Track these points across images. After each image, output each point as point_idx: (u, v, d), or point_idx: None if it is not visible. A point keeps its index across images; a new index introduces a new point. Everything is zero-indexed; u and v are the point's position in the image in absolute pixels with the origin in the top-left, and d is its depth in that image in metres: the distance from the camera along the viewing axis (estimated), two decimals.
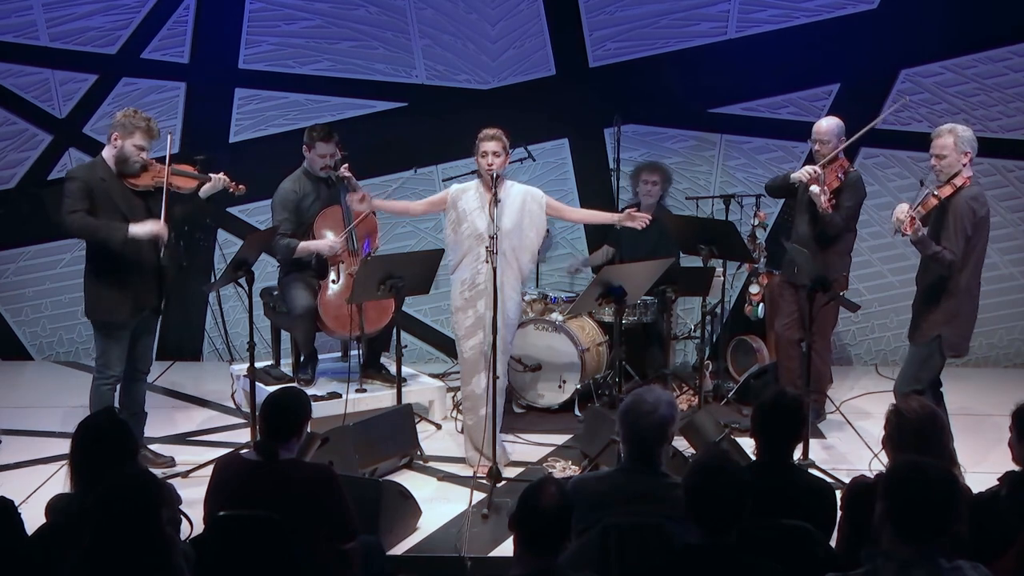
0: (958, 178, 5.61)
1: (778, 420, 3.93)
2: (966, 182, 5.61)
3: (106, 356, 5.66)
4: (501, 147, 5.80)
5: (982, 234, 5.68)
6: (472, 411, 5.97)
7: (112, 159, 5.58)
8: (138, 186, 5.61)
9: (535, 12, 7.86)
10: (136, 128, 5.53)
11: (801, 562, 3.51)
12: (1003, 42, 7.79)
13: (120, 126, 5.55)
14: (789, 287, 6.61)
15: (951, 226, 5.56)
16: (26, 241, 8.03)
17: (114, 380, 5.68)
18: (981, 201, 5.66)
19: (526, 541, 3.18)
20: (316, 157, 6.50)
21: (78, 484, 3.66)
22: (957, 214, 5.56)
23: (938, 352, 5.73)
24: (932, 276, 5.70)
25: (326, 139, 6.49)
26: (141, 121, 5.55)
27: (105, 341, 5.65)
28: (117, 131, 5.56)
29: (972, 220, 5.58)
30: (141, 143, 5.56)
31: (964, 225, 5.56)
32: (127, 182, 5.59)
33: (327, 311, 6.49)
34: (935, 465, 3.06)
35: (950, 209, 5.58)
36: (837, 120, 6.43)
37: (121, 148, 5.55)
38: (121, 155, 5.55)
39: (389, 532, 4.92)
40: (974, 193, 5.63)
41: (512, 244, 5.85)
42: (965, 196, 5.59)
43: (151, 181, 5.62)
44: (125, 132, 5.54)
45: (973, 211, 5.58)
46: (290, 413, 3.98)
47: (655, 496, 3.70)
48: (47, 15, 7.78)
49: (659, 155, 7.91)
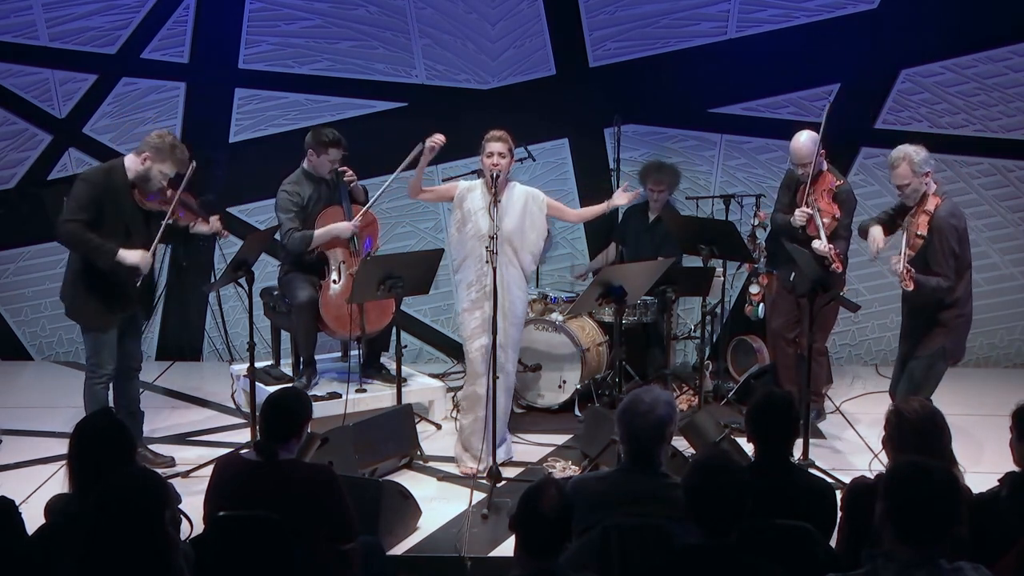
0: (928, 202, 5.65)
1: (771, 420, 3.94)
2: (938, 201, 5.63)
3: (97, 356, 5.67)
4: (507, 148, 5.80)
5: (967, 244, 5.73)
6: (471, 411, 5.97)
7: (134, 172, 5.58)
8: (145, 205, 5.63)
9: (535, 12, 7.86)
10: (170, 159, 5.55)
11: (801, 562, 3.51)
12: (1003, 42, 7.79)
13: (155, 149, 5.55)
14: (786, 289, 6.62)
15: (938, 251, 5.59)
16: (26, 241, 8.02)
17: (107, 378, 5.70)
18: (958, 214, 5.71)
19: (526, 542, 3.18)
20: (325, 162, 6.50)
21: (77, 485, 3.66)
22: (941, 236, 5.59)
23: (941, 360, 5.75)
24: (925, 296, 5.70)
25: (337, 146, 6.49)
26: (178, 152, 5.58)
27: (94, 341, 5.68)
28: (150, 153, 5.55)
29: (956, 237, 5.63)
30: (170, 172, 5.59)
31: (951, 245, 5.60)
32: (138, 197, 5.61)
33: (328, 311, 6.48)
34: (936, 466, 3.06)
35: (933, 233, 5.60)
36: (809, 135, 6.34)
37: (148, 170, 5.56)
38: (145, 175, 5.57)
39: (389, 532, 4.92)
40: (949, 208, 5.67)
41: (514, 246, 5.85)
42: (942, 215, 5.61)
43: (158, 205, 5.65)
44: (158, 157, 5.55)
45: (955, 228, 5.63)
46: (290, 413, 3.98)
47: (655, 496, 3.70)
48: (47, 15, 7.78)
49: (659, 155, 7.91)
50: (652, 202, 7.48)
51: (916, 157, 5.63)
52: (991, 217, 7.98)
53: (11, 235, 8.03)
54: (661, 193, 7.45)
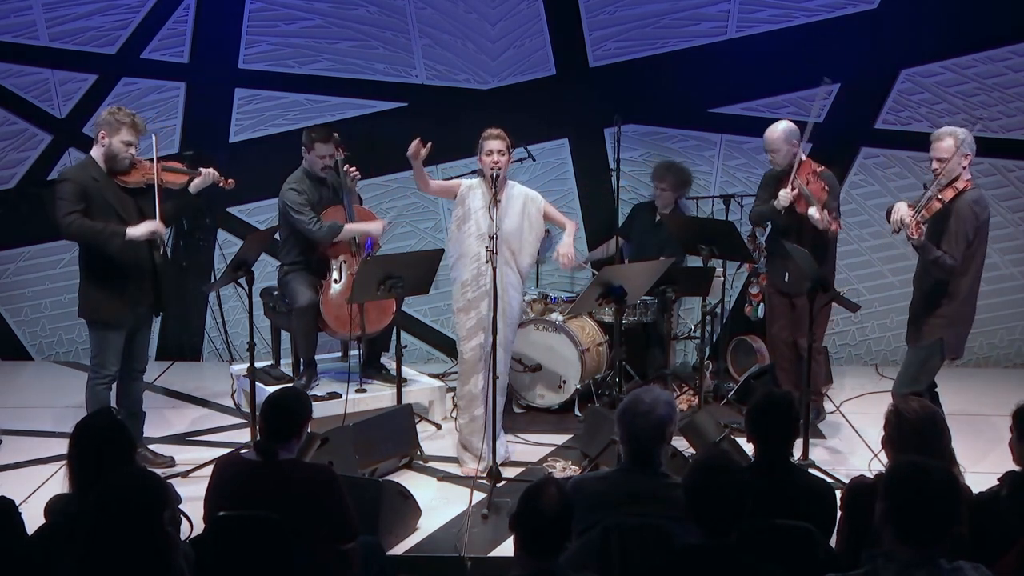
0: (959, 181, 5.57)
1: (771, 420, 3.93)
2: (967, 185, 5.58)
3: (102, 355, 5.65)
4: (505, 147, 5.80)
5: (983, 238, 5.66)
6: (467, 411, 5.97)
7: (102, 158, 5.59)
8: (128, 183, 5.62)
9: (535, 12, 7.86)
10: (122, 124, 5.55)
11: (801, 563, 3.51)
12: (1003, 42, 7.79)
13: (106, 124, 5.56)
14: (774, 290, 6.61)
15: (952, 230, 5.52)
16: (26, 241, 8.02)
17: (109, 379, 5.68)
18: (983, 204, 5.63)
19: (526, 542, 3.18)
20: (316, 158, 6.51)
21: (76, 485, 3.66)
22: (959, 218, 5.52)
23: (938, 354, 5.72)
24: (932, 279, 5.68)
25: (325, 140, 6.50)
26: (126, 117, 5.57)
27: (101, 340, 5.65)
28: (103, 129, 5.57)
29: (974, 224, 5.55)
30: (128, 139, 5.57)
31: (966, 230, 5.53)
32: (118, 180, 5.60)
33: (329, 311, 6.49)
34: (936, 466, 3.06)
35: (952, 213, 5.53)
36: (785, 125, 6.35)
37: (109, 146, 5.56)
38: (110, 152, 5.56)
39: (389, 532, 4.92)
40: (976, 196, 5.60)
41: (512, 247, 5.85)
42: (967, 199, 5.54)
43: (141, 178, 5.63)
44: (111, 129, 5.55)
45: (976, 215, 5.55)
46: (290, 413, 3.98)
47: (655, 496, 3.70)
48: (47, 15, 7.78)
49: (659, 155, 7.91)
50: (657, 200, 7.50)
51: (964, 136, 5.54)
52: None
53: (11, 235, 8.02)
54: (664, 192, 7.45)
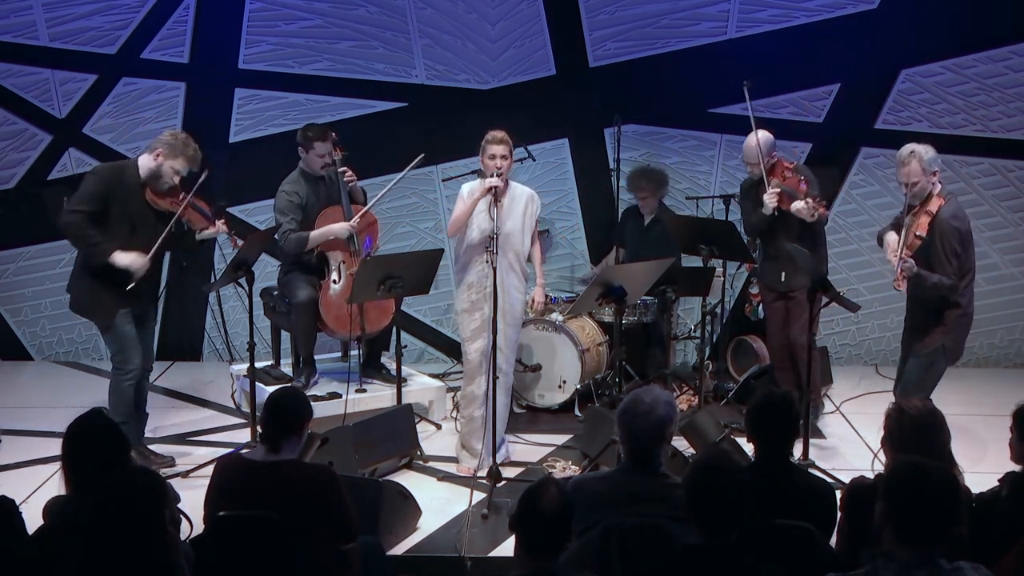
0: (931, 202, 5.59)
1: (771, 420, 3.93)
2: (942, 202, 5.60)
3: (123, 352, 5.67)
4: (508, 150, 5.80)
5: (970, 246, 5.69)
6: (468, 411, 5.97)
7: (147, 171, 5.62)
8: (157, 204, 5.66)
9: (535, 12, 7.86)
10: (182, 155, 5.61)
11: (801, 563, 3.51)
12: (1003, 42, 7.79)
13: (167, 146, 5.61)
14: (770, 294, 6.59)
15: (941, 253, 5.55)
16: (26, 241, 8.03)
17: (134, 374, 5.69)
18: (961, 216, 5.66)
19: (526, 542, 3.18)
20: (315, 157, 6.51)
21: (72, 487, 3.65)
22: (944, 238, 5.54)
23: (941, 359, 5.74)
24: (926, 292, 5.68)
25: (322, 138, 6.50)
26: (189, 149, 5.63)
27: (114, 338, 5.67)
28: (163, 149, 5.60)
29: (959, 238, 5.59)
30: (181, 168, 5.64)
31: (953, 246, 5.56)
32: (149, 195, 5.63)
33: (328, 311, 6.49)
34: (936, 466, 3.06)
35: (935, 236, 5.56)
36: (763, 135, 6.35)
37: (160, 166, 5.60)
38: (157, 171, 5.61)
39: (389, 532, 4.92)
40: (952, 211, 5.62)
41: (515, 248, 5.86)
42: (944, 217, 5.56)
43: (168, 206, 5.67)
44: (170, 152, 5.60)
45: (957, 230, 5.58)
46: (291, 413, 3.98)
47: (655, 496, 3.70)
48: (47, 15, 7.78)
49: (659, 155, 7.91)
50: (642, 208, 7.47)
51: (926, 155, 5.58)
52: (991, 217, 7.98)
53: (11, 235, 8.02)
54: (646, 200, 7.43)
